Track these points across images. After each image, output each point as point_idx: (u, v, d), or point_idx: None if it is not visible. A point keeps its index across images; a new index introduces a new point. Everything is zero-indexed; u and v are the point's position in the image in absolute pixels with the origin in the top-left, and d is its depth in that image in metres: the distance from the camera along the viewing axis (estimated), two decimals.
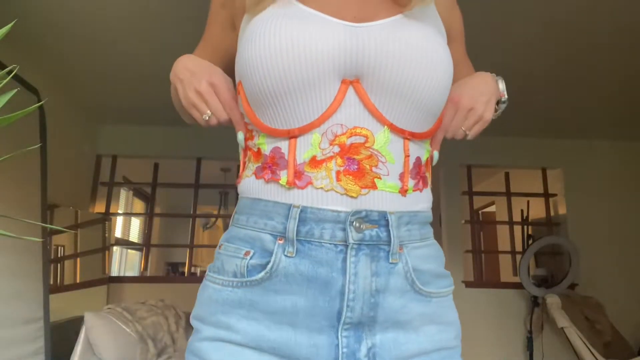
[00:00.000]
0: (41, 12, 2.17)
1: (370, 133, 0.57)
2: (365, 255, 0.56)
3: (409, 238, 0.59)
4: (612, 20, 2.18)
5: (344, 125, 0.57)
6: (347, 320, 0.55)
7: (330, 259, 0.55)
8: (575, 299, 3.30)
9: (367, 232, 0.56)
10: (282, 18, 0.58)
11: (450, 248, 3.68)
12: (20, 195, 2.22)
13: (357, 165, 0.56)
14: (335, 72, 0.57)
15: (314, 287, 0.55)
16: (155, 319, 2.34)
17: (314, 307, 0.55)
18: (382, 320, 0.57)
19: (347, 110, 0.57)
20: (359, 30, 0.58)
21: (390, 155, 0.58)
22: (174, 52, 0.90)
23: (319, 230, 0.56)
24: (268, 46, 0.56)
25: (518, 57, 2.55)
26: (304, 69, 0.55)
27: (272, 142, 0.59)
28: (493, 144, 3.79)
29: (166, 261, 6.35)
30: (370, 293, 0.56)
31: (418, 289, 0.58)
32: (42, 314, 2.19)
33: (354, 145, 0.56)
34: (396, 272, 0.57)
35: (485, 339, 3.48)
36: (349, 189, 0.56)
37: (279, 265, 0.56)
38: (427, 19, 0.64)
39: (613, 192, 3.72)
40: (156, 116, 3.54)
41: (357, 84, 0.57)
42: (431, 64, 0.58)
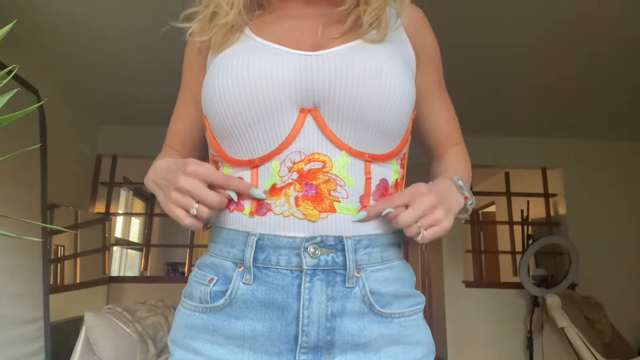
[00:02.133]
0: (41, 12, 2.17)
1: (328, 158, 0.58)
2: (319, 280, 0.56)
3: (368, 261, 0.59)
4: (612, 21, 2.18)
5: (302, 152, 0.58)
6: (304, 345, 0.56)
7: (287, 284, 0.56)
8: (575, 299, 3.30)
9: (323, 257, 0.56)
10: (241, 53, 0.60)
11: (450, 248, 3.68)
12: (20, 195, 2.22)
13: (315, 190, 0.57)
14: (293, 102, 0.58)
15: (271, 312, 0.57)
16: (155, 319, 2.34)
17: (271, 332, 0.57)
18: (340, 343, 0.57)
19: (305, 137, 0.58)
20: (313, 59, 0.59)
21: (349, 178, 0.59)
22: (174, 51, 0.90)
23: (275, 256, 0.57)
24: (228, 80, 0.58)
25: (518, 57, 2.55)
26: (261, 100, 0.57)
27: (236, 172, 0.61)
28: (493, 144, 3.80)
29: (166, 261, 6.35)
30: (326, 317, 0.56)
31: (377, 311, 0.58)
32: (42, 314, 2.19)
33: (312, 171, 0.57)
34: (353, 296, 0.57)
35: (485, 339, 3.48)
36: (308, 214, 0.57)
37: (237, 292, 0.58)
38: (388, 43, 0.64)
39: (613, 192, 3.72)
40: (156, 116, 3.54)
41: (315, 112, 0.59)
42: (386, 86, 0.58)
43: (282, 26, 0.65)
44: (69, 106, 3.18)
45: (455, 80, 2.86)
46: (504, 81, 2.86)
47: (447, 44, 2.54)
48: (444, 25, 2.26)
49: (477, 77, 2.81)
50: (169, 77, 2.99)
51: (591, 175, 3.76)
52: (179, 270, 6.22)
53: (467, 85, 2.92)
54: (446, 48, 2.81)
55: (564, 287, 3.27)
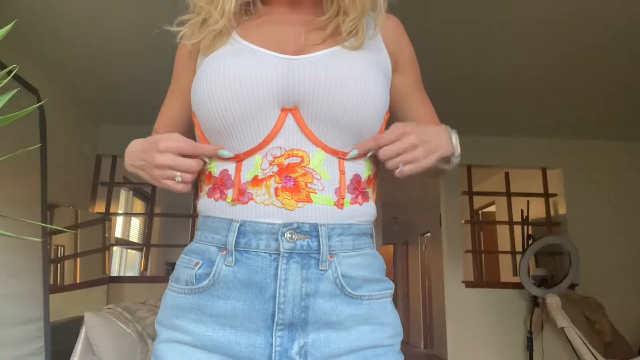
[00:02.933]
0: (41, 13, 2.17)
1: (306, 154, 0.64)
2: (295, 262, 0.61)
3: (341, 248, 0.64)
4: (612, 20, 2.18)
5: (282, 148, 0.64)
6: (280, 322, 0.61)
7: (265, 266, 0.61)
8: (575, 299, 3.30)
9: (299, 242, 0.61)
10: (228, 56, 0.66)
11: (450, 248, 3.68)
12: (20, 195, 2.22)
13: (293, 182, 0.62)
14: (275, 102, 0.63)
15: (250, 292, 0.61)
16: (155, 318, 2.34)
17: (250, 310, 0.61)
18: (314, 321, 0.62)
19: (285, 134, 0.64)
20: (294, 63, 0.64)
21: (325, 173, 0.64)
22: (174, 53, 0.90)
23: (255, 241, 0.62)
24: (215, 81, 0.63)
25: (518, 57, 2.55)
26: (246, 100, 0.62)
27: (221, 165, 0.66)
28: (493, 144, 3.80)
29: (166, 261, 6.35)
30: (300, 297, 0.61)
31: (348, 293, 0.63)
32: (42, 314, 2.19)
33: (290, 165, 0.63)
34: (326, 278, 0.62)
35: (485, 339, 3.48)
36: (286, 203, 0.62)
37: (220, 274, 0.62)
38: (365, 50, 0.69)
39: (613, 192, 3.72)
40: (156, 116, 3.54)
41: (295, 111, 0.64)
42: (360, 91, 0.63)
43: (268, 30, 0.70)
44: (69, 106, 3.18)
45: (456, 80, 2.88)
46: (504, 81, 2.86)
47: (447, 44, 2.56)
48: (443, 26, 2.27)
49: (477, 77, 2.81)
50: (169, 77, 2.99)
51: (591, 175, 3.75)
52: None
53: (467, 85, 2.92)
54: (446, 48, 2.81)
55: (564, 287, 3.27)
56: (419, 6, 2.11)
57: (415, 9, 2.14)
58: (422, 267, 8.21)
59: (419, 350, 7.84)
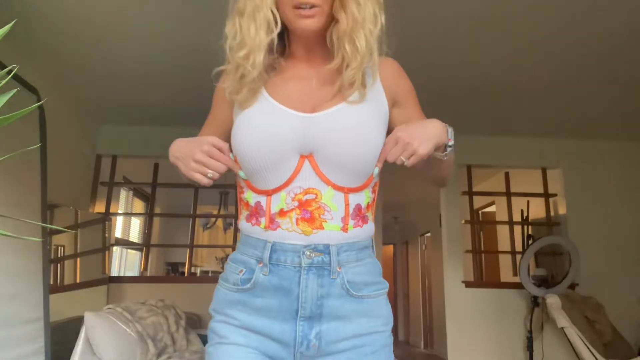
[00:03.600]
0: (41, 12, 2.18)
1: (319, 192, 0.83)
2: (313, 274, 0.82)
3: (347, 260, 0.84)
4: (612, 21, 2.18)
5: (301, 187, 0.83)
6: (302, 315, 0.82)
7: (291, 276, 0.82)
8: (575, 299, 3.30)
9: (315, 258, 0.82)
10: (259, 113, 0.85)
11: (450, 248, 3.68)
12: (20, 195, 2.22)
13: (309, 214, 0.82)
14: (295, 150, 0.82)
15: (281, 294, 0.82)
16: (155, 319, 2.34)
17: (280, 306, 0.83)
18: (326, 314, 0.83)
19: (303, 176, 0.83)
20: (309, 120, 0.83)
21: (334, 205, 0.83)
22: (174, 52, 0.90)
23: (284, 257, 0.82)
24: (250, 135, 0.83)
25: (519, 57, 2.56)
26: (273, 150, 0.82)
27: (255, 197, 0.86)
28: (493, 144, 3.80)
29: (166, 261, 6.35)
30: (317, 298, 0.82)
31: (352, 294, 0.84)
32: (42, 314, 2.19)
33: (308, 201, 0.83)
34: (335, 284, 0.83)
35: (485, 339, 3.48)
36: (304, 230, 0.82)
37: (258, 280, 0.83)
38: (366, 103, 0.86)
39: (613, 192, 3.72)
40: (156, 116, 3.54)
41: (310, 157, 0.83)
42: (361, 143, 0.82)
43: (289, 88, 0.88)
44: (69, 106, 3.18)
45: (456, 80, 2.87)
46: (504, 81, 2.86)
47: (447, 44, 2.55)
48: (442, 26, 2.27)
49: (477, 77, 2.81)
50: (168, 77, 2.99)
51: (591, 175, 3.75)
52: (179, 270, 6.22)
53: (467, 85, 2.92)
54: (447, 49, 2.81)
55: (564, 287, 3.27)
56: (421, 1, 2.11)
57: (416, 5, 2.14)
58: (422, 267, 8.21)
59: (419, 350, 7.84)
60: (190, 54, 2.56)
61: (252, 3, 0.87)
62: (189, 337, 2.55)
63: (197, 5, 2.12)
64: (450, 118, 1.18)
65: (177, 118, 3.53)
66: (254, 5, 0.86)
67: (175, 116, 3.50)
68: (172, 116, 3.51)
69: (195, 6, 2.12)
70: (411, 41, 2.42)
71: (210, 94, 1.03)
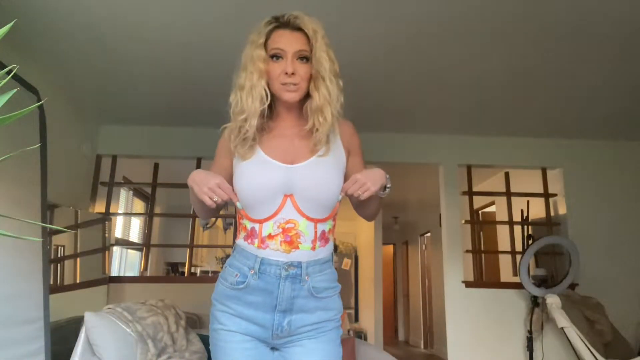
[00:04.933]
0: (41, 13, 2.18)
1: (297, 222, 1.15)
2: (289, 281, 1.15)
3: (313, 271, 1.17)
4: (612, 21, 2.18)
5: (284, 218, 1.14)
6: (279, 309, 1.15)
7: (273, 282, 1.14)
8: (575, 299, 3.30)
9: (292, 271, 1.14)
10: (255, 165, 1.17)
11: (450, 248, 3.68)
12: (20, 195, 2.22)
13: (290, 238, 1.15)
14: (280, 191, 1.14)
15: (265, 293, 1.15)
16: (155, 319, 2.34)
17: (265, 302, 1.15)
18: (296, 309, 1.16)
19: (286, 210, 1.15)
20: (291, 169, 1.16)
21: (307, 232, 1.16)
22: (174, 51, 0.90)
23: (269, 269, 1.15)
24: (248, 182, 1.16)
25: (518, 57, 2.56)
26: (263, 192, 1.14)
27: (251, 224, 1.18)
28: (493, 144, 3.80)
29: (166, 261, 6.35)
30: (290, 297, 1.15)
31: (314, 295, 1.17)
32: (42, 314, 2.19)
33: (289, 228, 1.15)
34: (304, 289, 1.16)
35: (485, 339, 3.48)
36: (285, 250, 1.14)
37: (250, 283, 1.16)
38: (331, 156, 1.19)
39: (613, 192, 3.72)
40: (156, 116, 3.54)
41: (291, 197, 1.15)
42: (328, 186, 1.16)
43: (276, 144, 1.20)
44: (69, 106, 3.18)
45: (456, 81, 2.87)
46: (504, 81, 2.86)
47: (446, 44, 2.55)
48: (442, 26, 2.27)
49: (476, 77, 2.81)
50: (168, 78, 2.99)
51: (591, 175, 3.76)
52: (179, 270, 6.22)
53: (467, 85, 2.92)
54: (446, 47, 2.79)
55: (564, 287, 3.27)
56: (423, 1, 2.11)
57: (414, 4, 2.14)
58: (422, 267, 8.21)
59: (419, 350, 7.84)
60: (190, 54, 2.56)
61: (249, 82, 1.17)
62: (189, 337, 2.55)
63: (197, 6, 2.12)
64: (451, 118, 1.18)
65: (177, 118, 3.54)
66: (252, 84, 1.17)
67: (175, 116, 3.51)
68: (172, 116, 3.51)
69: (195, 6, 2.12)
70: (411, 40, 2.42)
71: (210, 94, 1.06)
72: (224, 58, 2.50)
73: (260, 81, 1.17)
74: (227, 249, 6.43)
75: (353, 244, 7.45)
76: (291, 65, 1.16)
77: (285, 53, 1.17)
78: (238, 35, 1.31)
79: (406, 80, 2.83)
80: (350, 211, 1.36)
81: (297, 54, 1.17)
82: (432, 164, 3.88)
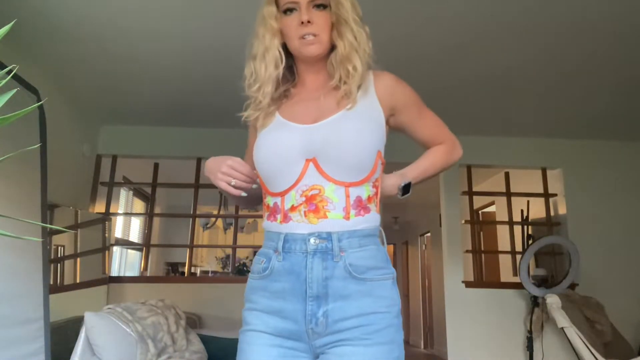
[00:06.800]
0: (41, 13, 2.18)
1: (322, 187, 0.97)
2: (318, 258, 0.94)
3: (349, 246, 0.95)
4: (612, 21, 2.18)
5: (307, 184, 0.97)
6: (310, 295, 0.94)
7: (300, 261, 0.95)
8: (575, 299, 3.30)
9: (320, 244, 0.95)
10: (271, 131, 1.04)
11: (450, 248, 3.68)
12: (20, 195, 2.22)
13: (315, 206, 0.96)
14: (300, 155, 0.98)
15: (292, 276, 0.95)
16: (155, 319, 2.34)
17: (293, 288, 0.95)
18: (332, 294, 0.93)
19: (309, 176, 0.98)
20: (312, 129, 1.00)
21: (335, 198, 0.97)
22: (174, 51, 0.90)
23: (294, 245, 0.96)
24: (263, 149, 1.02)
25: (517, 57, 2.56)
26: (279, 159, 0.99)
27: (273, 199, 1.02)
28: (493, 144, 3.80)
29: (166, 261, 6.35)
30: (322, 279, 0.94)
31: (354, 276, 0.94)
32: (42, 314, 2.19)
33: (313, 195, 0.97)
34: (338, 267, 0.94)
35: (485, 339, 3.48)
36: (310, 220, 0.96)
37: (274, 267, 0.98)
38: (361, 110, 1.01)
39: (613, 192, 3.73)
40: (156, 116, 3.54)
41: (314, 160, 0.98)
42: (354, 144, 0.97)
43: (296, 108, 1.07)
44: (69, 106, 3.18)
45: (456, 80, 2.87)
46: (505, 81, 2.86)
47: (445, 44, 2.55)
48: (442, 26, 2.27)
49: (477, 77, 2.81)
50: (168, 77, 3.00)
51: (591, 175, 3.76)
52: (179, 270, 6.22)
53: (467, 85, 2.92)
54: (446, 47, 2.80)
55: (564, 287, 3.27)
56: (418, 1, 2.11)
57: (413, 3, 2.14)
58: (422, 267, 8.21)
59: (419, 350, 7.84)
60: (190, 54, 2.56)
61: (262, 46, 1.06)
62: (189, 337, 2.55)
63: (198, 6, 2.12)
64: (451, 118, 1.18)
65: (177, 118, 3.54)
66: (265, 48, 1.06)
67: (175, 116, 3.50)
68: (172, 116, 3.51)
69: (196, 6, 2.12)
70: (411, 42, 2.42)
71: (210, 95, 1.06)
72: (224, 58, 2.50)
73: (273, 41, 1.06)
74: (227, 249, 6.43)
75: None
76: (306, 13, 1.02)
77: (298, 4, 1.03)
78: (238, 35, 1.31)
79: (406, 80, 2.82)
80: None
81: (312, 2, 1.03)
82: None
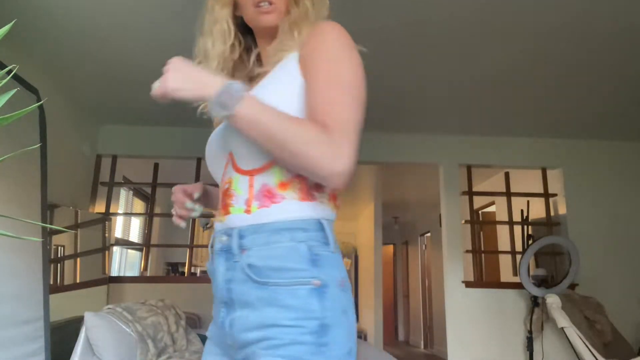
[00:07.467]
0: (41, 12, 2.18)
1: (231, 180, 0.85)
2: (222, 258, 0.83)
3: (253, 243, 0.79)
4: (611, 21, 2.18)
5: (224, 180, 0.87)
6: (220, 300, 0.83)
7: (215, 261, 0.85)
8: (575, 299, 3.30)
9: (224, 243, 0.83)
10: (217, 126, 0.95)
11: (450, 248, 3.68)
12: (20, 195, 2.22)
13: (224, 202, 0.85)
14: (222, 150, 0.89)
15: (213, 280, 0.86)
16: (155, 319, 2.34)
17: (214, 292, 0.86)
18: (236, 301, 0.80)
19: (228, 170, 0.87)
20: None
21: (239, 190, 0.83)
22: (174, 51, 0.90)
23: (215, 245, 0.86)
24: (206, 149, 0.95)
25: (517, 57, 2.56)
26: (210, 154, 0.93)
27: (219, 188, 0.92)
28: (493, 144, 3.80)
29: (166, 261, 6.35)
30: (225, 282, 0.82)
31: (254, 280, 0.77)
32: (42, 314, 2.19)
33: (224, 191, 0.86)
34: (238, 267, 0.79)
35: (485, 339, 3.48)
36: (221, 218, 0.85)
37: (208, 269, 0.90)
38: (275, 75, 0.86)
39: (613, 192, 3.72)
40: (156, 116, 3.54)
41: (231, 152, 0.87)
42: None
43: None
44: (68, 106, 3.18)
45: (456, 80, 2.87)
46: (504, 81, 2.86)
47: (446, 43, 2.55)
48: (443, 23, 2.27)
49: (476, 77, 2.81)
50: None
51: (591, 175, 3.76)
52: (179, 270, 6.22)
53: (467, 85, 2.92)
54: (446, 47, 2.80)
55: (564, 287, 3.27)
56: (421, 2, 2.11)
57: (411, 3, 2.14)
58: (422, 267, 8.21)
59: (419, 350, 7.84)
60: (190, 54, 2.56)
61: (211, 18, 0.96)
62: (189, 337, 2.55)
63: (198, 6, 2.12)
64: (451, 118, 1.18)
65: (177, 118, 3.54)
66: (213, 20, 0.95)
67: (175, 116, 3.50)
68: (172, 116, 3.51)
69: (196, 6, 2.12)
70: (411, 41, 2.42)
71: None
72: None
73: (222, 11, 0.95)
74: None
75: (353, 244, 7.45)
76: None
77: None
78: None
79: (406, 80, 2.83)
80: (350, 211, 1.29)
81: None
82: (432, 164, 3.88)
